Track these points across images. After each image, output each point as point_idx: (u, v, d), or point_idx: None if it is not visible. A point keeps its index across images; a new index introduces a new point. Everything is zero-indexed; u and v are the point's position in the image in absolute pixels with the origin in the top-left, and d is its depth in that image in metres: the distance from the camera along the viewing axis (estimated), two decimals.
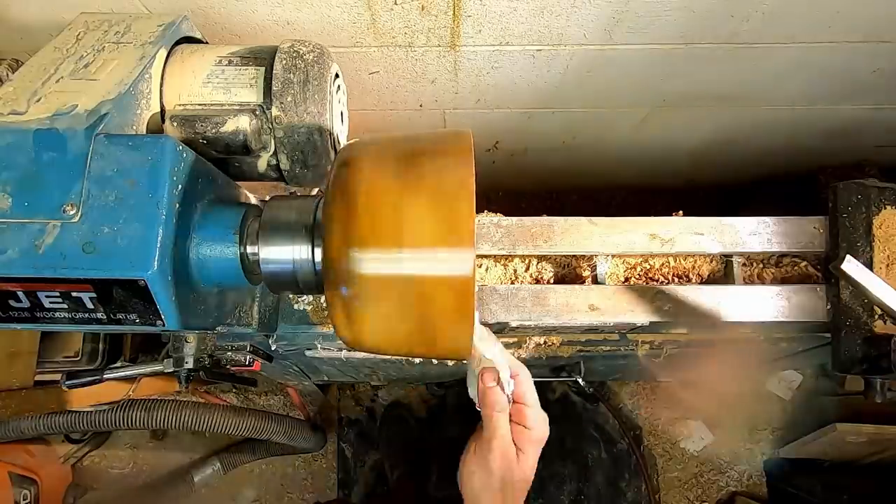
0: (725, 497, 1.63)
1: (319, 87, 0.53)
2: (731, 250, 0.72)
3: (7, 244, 0.40)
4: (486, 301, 0.70)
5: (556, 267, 0.75)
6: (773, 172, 1.27)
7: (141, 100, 0.49)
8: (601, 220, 0.72)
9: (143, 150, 0.43)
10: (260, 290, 0.65)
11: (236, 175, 0.57)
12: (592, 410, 1.59)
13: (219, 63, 0.53)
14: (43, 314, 0.44)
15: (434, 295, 0.40)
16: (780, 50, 0.79)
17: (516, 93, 0.91)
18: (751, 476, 1.65)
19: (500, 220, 0.73)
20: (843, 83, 0.89)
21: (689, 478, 1.64)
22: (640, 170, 1.28)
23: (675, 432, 1.67)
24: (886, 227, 0.71)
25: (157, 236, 0.41)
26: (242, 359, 0.68)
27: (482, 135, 1.09)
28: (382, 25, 0.73)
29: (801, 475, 1.54)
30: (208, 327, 0.52)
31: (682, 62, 0.82)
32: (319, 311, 0.72)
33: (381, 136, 0.46)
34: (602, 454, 1.51)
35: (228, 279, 0.49)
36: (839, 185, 0.72)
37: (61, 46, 0.52)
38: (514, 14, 0.71)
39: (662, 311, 0.70)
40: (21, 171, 0.42)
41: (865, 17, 0.73)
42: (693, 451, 1.66)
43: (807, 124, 1.03)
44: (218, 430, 1.19)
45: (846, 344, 0.70)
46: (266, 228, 0.48)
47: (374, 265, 0.40)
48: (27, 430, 1.09)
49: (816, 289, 0.72)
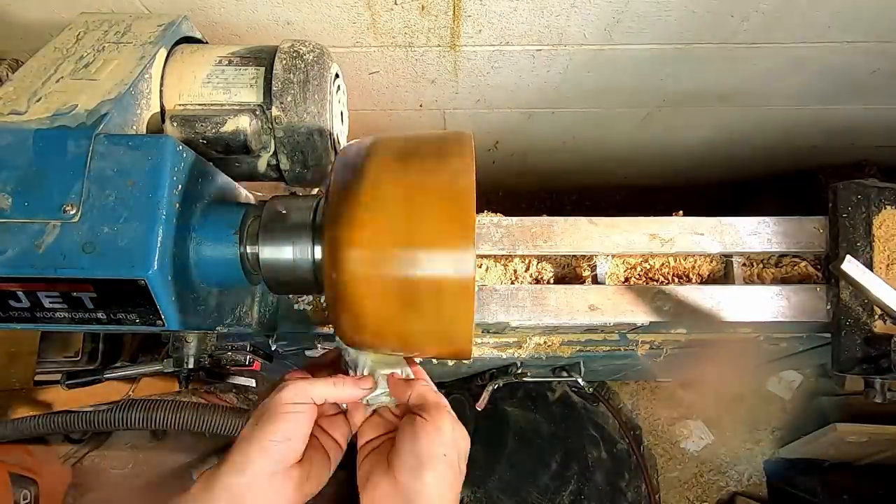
0: (725, 497, 1.63)
1: (319, 87, 0.53)
2: (731, 250, 0.72)
3: (7, 244, 0.40)
4: (486, 301, 0.70)
5: (556, 267, 0.75)
6: (773, 172, 1.27)
7: (141, 100, 0.49)
8: (601, 220, 0.72)
9: (143, 150, 0.43)
10: (260, 290, 0.65)
11: (236, 175, 0.57)
12: (592, 410, 1.59)
13: (219, 63, 0.53)
14: (43, 314, 0.44)
15: (435, 295, 0.40)
16: (780, 50, 0.79)
17: (516, 93, 0.91)
18: (751, 476, 1.65)
19: (500, 220, 0.73)
20: (843, 83, 0.89)
21: (689, 478, 1.64)
22: (640, 169, 1.28)
23: (675, 432, 1.67)
24: (886, 227, 0.71)
25: (157, 236, 0.41)
26: (242, 359, 0.68)
27: (482, 135, 1.09)
28: (382, 25, 0.73)
29: (801, 475, 1.54)
30: (208, 327, 0.52)
31: (682, 62, 0.82)
32: (319, 311, 0.72)
33: (382, 137, 0.46)
34: (602, 454, 1.51)
35: (228, 279, 0.49)
36: (839, 185, 0.72)
37: (61, 46, 0.52)
38: (514, 14, 0.71)
39: (662, 311, 0.70)
40: (21, 171, 0.41)
41: (865, 18, 0.73)
42: (693, 451, 1.66)
43: (807, 124, 1.03)
44: (218, 431, 1.19)
45: (846, 344, 0.70)
46: (266, 228, 0.48)
47: (375, 265, 0.40)
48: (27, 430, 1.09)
49: (816, 289, 0.72)
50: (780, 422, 1.66)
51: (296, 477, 0.42)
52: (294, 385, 0.43)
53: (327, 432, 0.47)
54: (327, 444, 0.46)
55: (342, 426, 0.48)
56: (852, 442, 1.38)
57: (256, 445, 0.41)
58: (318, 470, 0.44)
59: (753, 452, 1.66)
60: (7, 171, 0.41)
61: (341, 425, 0.48)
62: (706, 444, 1.66)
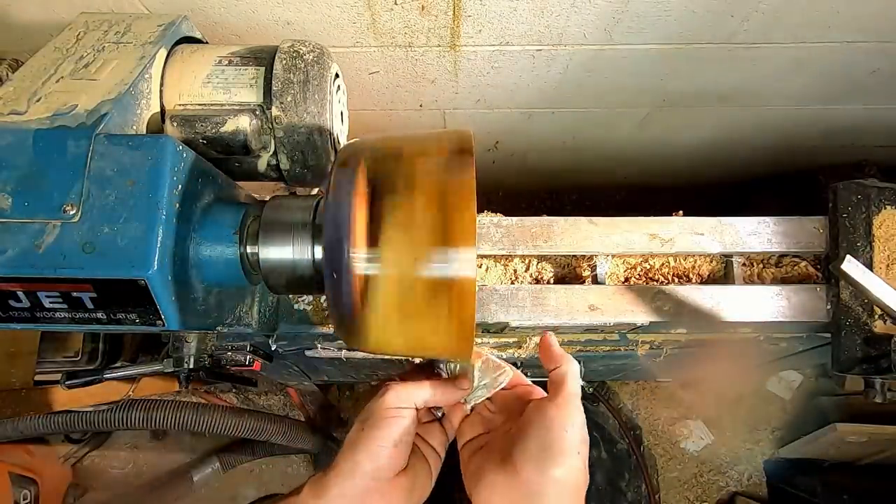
0: (725, 497, 1.63)
1: (319, 87, 0.53)
2: (731, 250, 0.72)
3: (7, 244, 0.40)
4: (486, 301, 0.70)
5: (556, 267, 0.75)
6: (773, 172, 1.27)
7: (141, 100, 0.49)
8: (601, 220, 0.72)
9: (143, 150, 0.43)
10: (260, 290, 0.65)
11: (236, 175, 0.57)
12: (592, 410, 1.59)
13: (219, 63, 0.53)
14: (43, 314, 0.44)
15: (435, 295, 0.40)
16: (779, 50, 0.79)
17: (516, 93, 0.91)
18: (751, 476, 1.65)
19: (500, 220, 0.73)
20: (843, 83, 0.89)
21: (689, 478, 1.64)
22: (640, 169, 1.28)
23: (675, 432, 1.67)
24: (886, 227, 0.71)
25: (157, 236, 0.41)
26: (242, 359, 0.68)
27: (482, 135, 1.09)
28: (382, 25, 0.73)
29: (801, 475, 1.54)
30: (208, 327, 0.52)
31: (682, 62, 0.82)
32: (319, 311, 0.72)
33: (382, 136, 0.46)
34: (602, 454, 1.51)
35: (228, 279, 0.49)
36: (839, 185, 0.72)
37: (61, 46, 0.52)
38: (514, 14, 0.71)
39: (662, 311, 0.70)
40: (21, 171, 0.41)
41: (865, 18, 0.73)
42: (693, 451, 1.66)
43: (807, 124, 1.03)
44: (218, 431, 1.19)
45: (846, 344, 0.70)
46: (266, 228, 0.48)
47: (375, 265, 0.40)
48: (27, 430, 1.09)
49: (816, 289, 0.72)
50: (780, 422, 1.66)
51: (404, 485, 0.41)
52: (396, 389, 0.43)
53: (426, 441, 0.46)
54: (427, 453, 0.45)
55: (439, 434, 0.47)
56: (852, 442, 1.38)
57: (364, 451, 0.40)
58: (421, 480, 0.43)
59: (753, 452, 1.66)
60: (7, 171, 0.41)
61: (438, 433, 0.47)
62: (706, 444, 1.66)
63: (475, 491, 0.40)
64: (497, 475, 0.39)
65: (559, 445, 0.38)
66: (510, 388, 0.48)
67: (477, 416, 0.48)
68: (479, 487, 0.39)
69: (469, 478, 0.42)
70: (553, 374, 0.44)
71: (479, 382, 0.47)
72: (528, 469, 0.37)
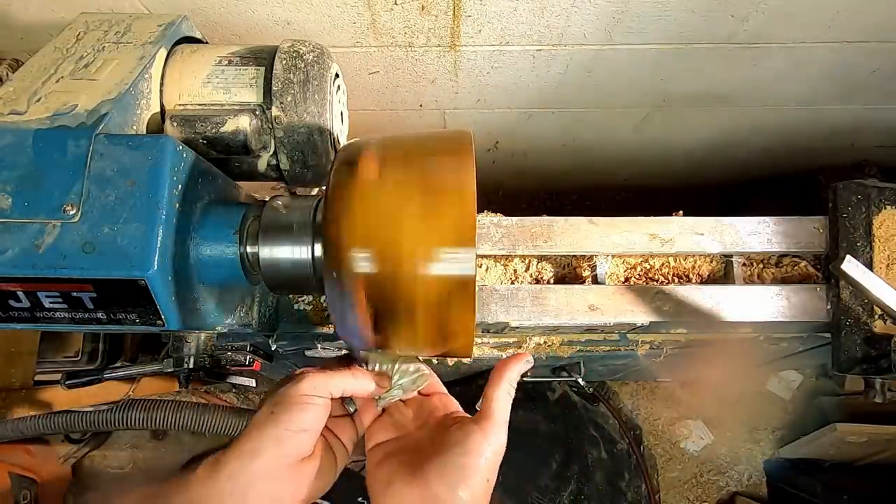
0: (725, 497, 1.63)
1: (319, 87, 0.53)
2: (731, 250, 0.72)
3: (7, 244, 0.40)
4: (486, 301, 0.70)
5: (556, 267, 0.75)
6: (773, 172, 1.27)
7: (141, 100, 0.49)
8: (601, 220, 0.72)
9: (143, 150, 0.43)
10: (260, 290, 0.65)
11: (236, 175, 0.57)
12: (592, 410, 1.59)
13: (219, 63, 0.53)
14: (43, 314, 0.44)
15: (436, 295, 0.40)
16: (779, 50, 0.79)
17: (516, 93, 0.91)
18: (751, 476, 1.65)
19: (501, 220, 0.73)
20: (843, 83, 0.89)
21: (689, 478, 1.64)
22: (640, 170, 1.28)
23: (675, 432, 1.67)
24: (886, 227, 0.71)
25: (157, 236, 0.41)
26: (242, 359, 0.68)
27: (482, 135, 1.09)
28: (382, 25, 0.73)
29: (801, 475, 1.54)
30: (208, 327, 0.52)
31: (682, 62, 0.82)
32: (319, 311, 0.72)
33: (381, 136, 0.46)
34: (602, 454, 1.51)
35: (228, 279, 0.49)
36: (839, 185, 0.72)
37: (61, 46, 0.52)
38: (514, 14, 0.71)
39: (662, 311, 0.70)
40: (21, 171, 0.41)
41: (865, 18, 0.73)
42: (693, 451, 1.66)
43: (807, 124, 1.03)
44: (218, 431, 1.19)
45: (846, 344, 0.70)
46: (266, 228, 0.48)
47: (375, 265, 0.40)
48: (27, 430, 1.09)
49: (816, 289, 0.72)
50: (781, 422, 1.66)
51: (306, 472, 0.41)
52: (313, 376, 0.42)
53: (335, 435, 0.46)
54: (335, 447, 0.45)
55: (349, 430, 0.47)
56: (852, 442, 1.38)
57: (271, 433, 0.39)
58: (324, 472, 0.43)
59: (753, 452, 1.66)
60: (7, 171, 0.41)
61: (348, 429, 0.47)
62: (706, 445, 1.66)
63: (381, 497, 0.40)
64: (406, 486, 0.39)
65: (473, 468, 0.39)
66: (427, 395, 0.49)
67: (389, 417, 0.48)
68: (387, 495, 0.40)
69: (376, 482, 0.42)
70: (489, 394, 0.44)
71: (395, 382, 0.47)
72: (439, 484, 0.38)
